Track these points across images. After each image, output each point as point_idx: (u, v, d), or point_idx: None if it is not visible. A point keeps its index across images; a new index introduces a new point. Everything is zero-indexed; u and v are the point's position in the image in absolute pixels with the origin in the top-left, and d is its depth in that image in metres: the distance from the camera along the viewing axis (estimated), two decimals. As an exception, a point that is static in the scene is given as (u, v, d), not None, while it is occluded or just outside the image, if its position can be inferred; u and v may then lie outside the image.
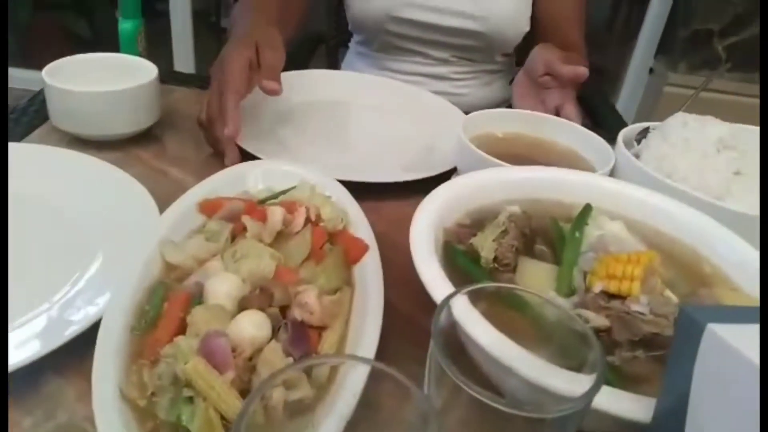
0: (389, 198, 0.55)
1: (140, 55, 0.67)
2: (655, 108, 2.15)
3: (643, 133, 0.56)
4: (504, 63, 0.98)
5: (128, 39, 0.68)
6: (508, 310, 0.30)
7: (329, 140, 0.67)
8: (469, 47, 0.90)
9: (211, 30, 2.95)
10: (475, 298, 0.29)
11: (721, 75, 2.12)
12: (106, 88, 0.57)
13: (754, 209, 0.48)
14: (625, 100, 2.27)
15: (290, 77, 0.73)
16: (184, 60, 2.26)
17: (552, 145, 0.62)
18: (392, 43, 0.91)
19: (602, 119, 0.98)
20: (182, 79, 0.77)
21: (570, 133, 0.62)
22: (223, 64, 0.56)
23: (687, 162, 0.50)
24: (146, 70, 0.61)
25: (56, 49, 2.42)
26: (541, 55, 0.68)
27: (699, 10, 2.01)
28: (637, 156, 0.54)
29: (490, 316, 0.29)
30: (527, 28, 0.90)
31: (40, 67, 0.59)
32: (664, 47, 2.18)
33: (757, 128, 0.58)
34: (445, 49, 0.91)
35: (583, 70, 0.65)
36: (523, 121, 0.64)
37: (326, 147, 0.65)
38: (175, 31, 2.23)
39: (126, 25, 0.68)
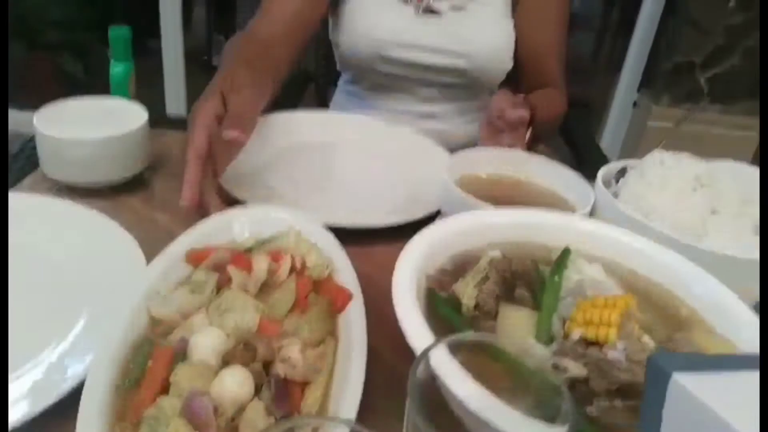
0: (377, 242, 0.56)
1: (131, 98, 0.69)
2: (639, 141, 2.19)
3: (622, 172, 0.58)
4: (488, 100, 1.00)
5: (119, 82, 0.70)
6: (487, 361, 0.31)
7: (316, 183, 0.68)
8: (455, 85, 0.93)
9: (203, 69, 2.99)
10: (455, 349, 0.30)
11: (704, 108, 2.17)
12: (94, 135, 0.58)
13: (729, 249, 0.49)
14: (610, 134, 2.31)
15: (275, 119, 0.75)
16: (175, 99, 2.29)
17: (534, 186, 0.64)
18: (380, 81, 0.93)
19: (586, 155, 1.00)
20: (173, 123, 0.79)
21: (552, 172, 0.63)
22: (190, 119, 0.55)
23: (663, 200, 0.51)
24: (136, 115, 0.63)
25: (50, 89, 2.43)
26: (495, 101, 0.71)
27: (680, 43, 2.06)
28: (615, 195, 0.55)
29: (469, 367, 0.30)
30: (510, 65, 0.93)
31: (33, 108, 0.60)
32: (648, 80, 2.23)
33: (734, 163, 0.60)
34: (432, 88, 0.93)
35: (522, 114, 0.67)
36: (506, 161, 0.66)
37: (313, 191, 0.66)
38: (167, 70, 2.26)
39: (117, 69, 0.70)
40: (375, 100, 0.96)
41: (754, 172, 0.60)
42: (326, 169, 0.72)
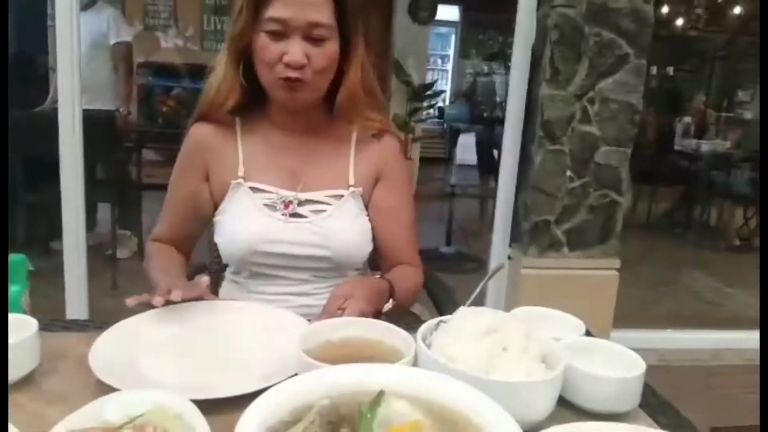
0: (243, 409, 0.66)
1: (25, 313, 0.78)
2: (518, 287, 2.44)
3: (436, 326, 0.73)
4: (357, 272, 1.16)
5: (14, 301, 0.80)
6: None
7: (189, 365, 0.78)
8: (323, 268, 1.09)
9: (107, 262, 3.07)
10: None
11: (566, 255, 2.49)
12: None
13: (513, 377, 0.64)
14: (492, 282, 2.55)
15: (158, 312, 0.87)
16: (77, 294, 2.32)
17: (378, 344, 0.78)
18: (257, 271, 1.08)
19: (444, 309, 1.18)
20: (65, 326, 0.88)
21: (390, 331, 0.78)
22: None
23: (460, 346, 0.66)
24: (28, 325, 0.72)
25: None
26: (330, 301, 0.92)
27: (534, 207, 2.42)
28: (429, 345, 0.70)
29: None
30: (368, 250, 1.12)
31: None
32: (515, 237, 2.55)
33: (523, 308, 0.78)
34: (303, 272, 1.09)
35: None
36: (356, 326, 0.80)
37: (185, 371, 0.76)
38: (68, 268, 2.31)
39: (13, 289, 0.80)
40: (255, 286, 1.11)
41: (535, 312, 0.78)
42: (200, 351, 0.82)
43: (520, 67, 2.45)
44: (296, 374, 0.72)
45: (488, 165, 5.29)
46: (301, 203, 1.07)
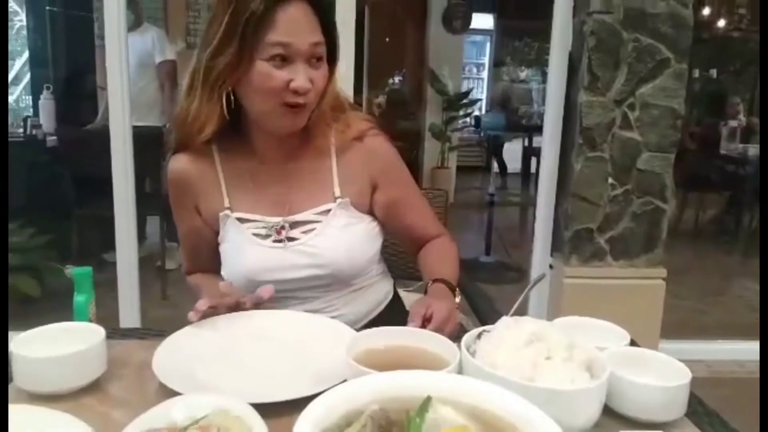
0: (296, 411, 0.69)
1: (91, 321, 0.84)
2: (561, 296, 2.42)
3: (479, 335, 0.75)
4: (370, 275, 1.17)
5: (81, 310, 0.85)
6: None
7: (243, 371, 0.82)
8: (325, 285, 1.10)
9: (157, 274, 3.18)
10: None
11: (609, 263, 2.46)
12: (59, 352, 0.72)
13: (558, 385, 0.65)
14: (535, 291, 2.54)
15: (214, 321, 0.91)
16: (129, 304, 2.42)
17: (423, 352, 0.80)
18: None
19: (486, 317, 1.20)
20: (124, 334, 0.93)
21: (433, 340, 0.80)
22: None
23: (504, 354, 0.68)
24: (95, 333, 0.77)
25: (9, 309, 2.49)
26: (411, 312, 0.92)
27: (575, 215, 2.41)
28: (473, 353, 0.71)
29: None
30: (366, 257, 1.12)
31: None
32: (557, 246, 2.53)
33: (562, 319, 0.79)
34: (307, 291, 1.10)
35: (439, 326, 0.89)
36: (399, 335, 0.82)
37: (240, 377, 0.80)
38: (121, 279, 2.41)
39: (79, 299, 0.86)
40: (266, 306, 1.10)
41: (578, 321, 0.78)
42: (253, 358, 0.86)
43: (557, 74, 2.45)
44: (345, 380, 0.75)
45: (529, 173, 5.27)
46: (292, 225, 1.07)
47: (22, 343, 0.74)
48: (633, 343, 0.86)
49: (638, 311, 2.32)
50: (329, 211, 1.08)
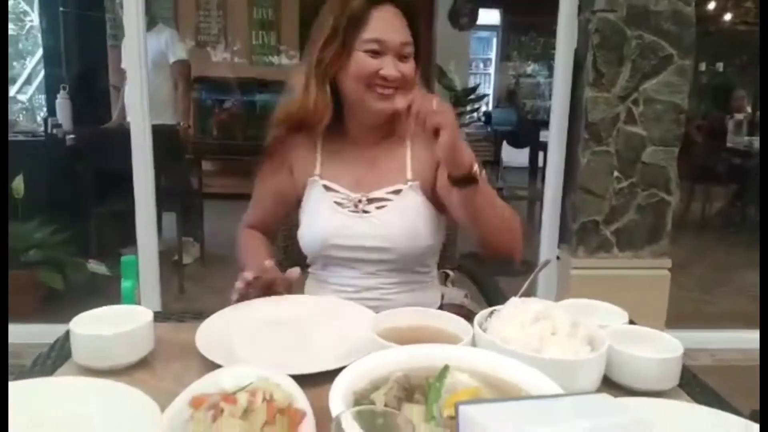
0: (327, 381, 0.77)
1: (137, 304, 0.92)
2: (568, 286, 2.49)
3: (491, 314, 0.83)
4: (425, 273, 1.27)
5: (128, 294, 0.94)
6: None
7: (277, 347, 0.90)
8: (387, 261, 1.20)
9: (173, 268, 3.27)
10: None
11: (615, 255, 2.53)
12: (116, 330, 0.80)
13: (561, 356, 0.73)
14: (543, 281, 2.61)
15: (248, 304, 1.00)
16: (152, 295, 2.51)
17: (439, 331, 0.87)
18: (329, 262, 1.23)
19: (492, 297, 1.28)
20: (166, 317, 1.02)
21: (449, 320, 0.87)
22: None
23: (511, 329, 0.76)
24: (143, 314, 0.86)
25: (33, 303, 2.60)
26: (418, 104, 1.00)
27: (581, 207, 2.47)
28: (485, 330, 0.79)
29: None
30: (430, 242, 1.21)
31: (17, 320, 0.81)
32: (564, 237, 2.60)
33: (566, 301, 0.86)
34: (370, 264, 1.21)
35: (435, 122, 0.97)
36: (419, 315, 0.90)
37: (275, 353, 0.88)
38: (143, 272, 2.50)
39: (126, 284, 0.94)
40: (328, 278, 1.24)
41: (581, 303, 0.86)
42: (286, 337, 0.94)
43: (563, 71, 2.51)
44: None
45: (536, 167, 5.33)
46: (369, 201, 1.20)
47: (78, 324, 0.82)
48: (631, 322, 0.94)
49: (643, 301, 2.36)
50: (400, 191, 1.20)
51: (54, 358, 0.86)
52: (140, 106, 2.49)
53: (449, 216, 1.22)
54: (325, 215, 1.21)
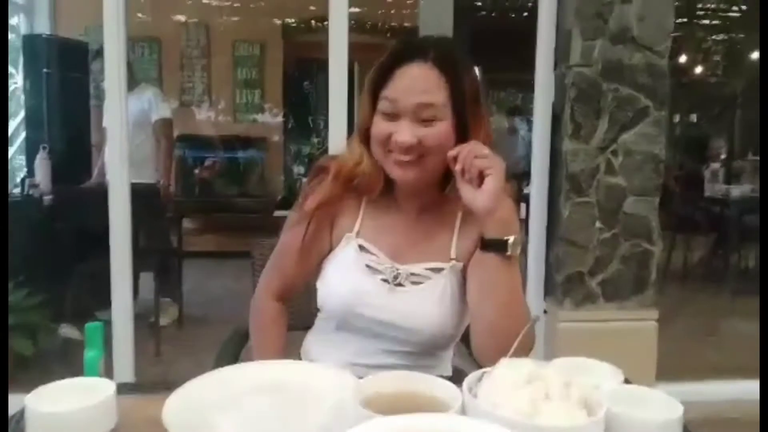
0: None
1: (101, 376, 0.86)
2: (554, 340, 2.44)
3: (481, 377, 0.78)
4: (440, 357, 1.18)
5: (91, 365, 0.87)
6: None
7: (252, 422, 0.84)
8: (412, 343, 1.11)
9: (150, 330, 3.16)
10: None
11: (602, 306, 2.50)
12: (72, 407, 0.74)
13: (556, 422, 0.68)
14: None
15: (222, 372, 0.93)
16: (125, 361, 2.40)
17: (426, 396, 0.82)
18: (344, 327, 1.14)
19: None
20: (132, 388, 0.95)
21: (437, 384, 0.82)
22: None
23: (503, 394, 0.71)
24: (105, 387, 0.79)
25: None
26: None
27: (565, 259, 2.46)
28: (475, 395, 0.74)
29: None
30: (453, 333, 1.12)
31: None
32: (549, 290, 2.57)
33: (558, 360, 0.82)
34: (391, 342, 1.12)
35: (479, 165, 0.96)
36: (407, 379, 0.85)
37: (251, 427, 0.81)
38: (116, 335, 2.41)
39: (90, 354, 0.88)
40: (337, 341, 1.15)
41: (574, 362, 0.82)
42: (262, 408, 0.88)
43: (541, 123, 2.55)
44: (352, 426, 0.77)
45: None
46: (407, 276, 1.10)
47: (36, 398, 0.75)
48: (627, 381, 0.89)
49: (633, 353, 2.33)
50: (441, 270, 1.11)
51: (7, 439, 0.79)
52: (119, 164, 2.46)
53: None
54: (354, 277, 1.11)
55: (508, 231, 0.98)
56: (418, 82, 1.02)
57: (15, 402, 0.95)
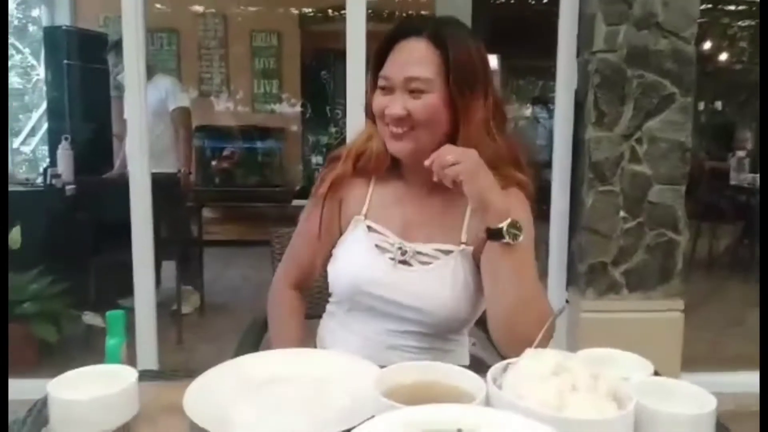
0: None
1: (122, 363, 0.86)
2: (576, 331, 2.41)
3: (506, 368, 0.76)
4: (455, 341, 1.18)
5: (113, 353, 0.87)
6: None
7: (273, 410, 0.83)
8: (415, 321, 1.10)
9: (172, 318, 3.19)
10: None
11: (626, 297, 2.45)
12: (94, 394, 0.74)
13: (584, 415, 0.66)
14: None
15: (242, 360, 0.93)
16: (149, 348, 2.43)
17: (449, 387, 0.81)
18: (355, 307, 1.14)
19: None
20: (154, 376, 0.95)
21: (458, 374, 0.81)
22: None
23: (529, 385, 0.69)
24: (127, 374, 0.79)
25: (26, 356, 2.53)
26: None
27: (588, 249, 2.41)
28: (500, 386, 0.72)
29: None
30: (466, 314, 1.11)
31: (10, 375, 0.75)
32: (572, 280, 2.53)
33: (584, 351, 0.80)
34: (400, 322, 1.11)
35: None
36: (428, 370, 0.83)
37: (270, 416, 0.81)
38: (139, 323, 2.43)
39: (112, 342, 0.88)
40: (350, 323, 1.15)
41: (601, 353, 0.79)
42: (282, 396, 0.87)
43: (564, 111, 2.50)
44: (373, 416, 0.76)
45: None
46: (414, 253, 1.11)
47: (58, 385, 0.76)
48: (656, 373, 0.87)
49: (658, 344, 2.27)
50: (451, 252, 1.10)
51: (30, 425, 0.80)
52: (139, 154, 2.47)
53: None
54: (362, 256, 1.12)
55: (503, 219, 0.98)
56: (409, 56, 1.05)
57: (39, 387, 0.96)
